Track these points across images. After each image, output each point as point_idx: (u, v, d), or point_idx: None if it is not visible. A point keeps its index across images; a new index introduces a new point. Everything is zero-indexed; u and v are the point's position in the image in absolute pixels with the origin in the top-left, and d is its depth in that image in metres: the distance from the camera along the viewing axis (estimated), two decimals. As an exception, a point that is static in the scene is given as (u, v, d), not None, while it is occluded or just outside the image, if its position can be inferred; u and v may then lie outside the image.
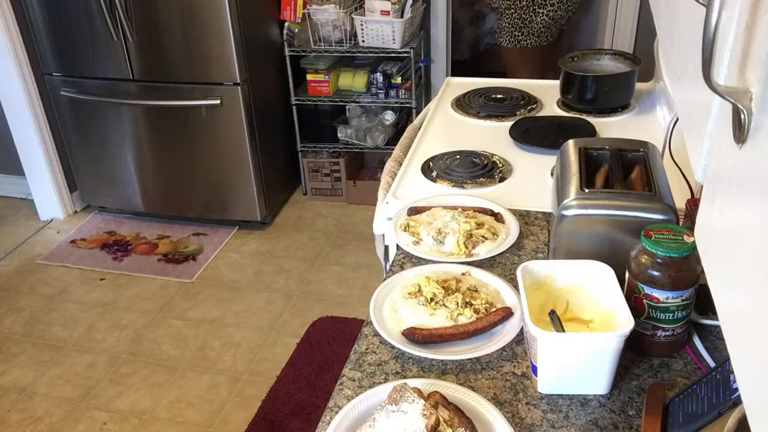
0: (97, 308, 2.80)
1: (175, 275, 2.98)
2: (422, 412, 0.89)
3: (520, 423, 0.97)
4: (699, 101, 0.60)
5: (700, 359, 1.07)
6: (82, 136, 3.23)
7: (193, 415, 2.27)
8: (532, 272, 1.10)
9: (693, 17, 0.65)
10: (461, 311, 1.15)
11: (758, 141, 0.45)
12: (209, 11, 2.76)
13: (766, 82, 0.44)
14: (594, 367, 0.99)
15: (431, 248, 1.35)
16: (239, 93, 2.92)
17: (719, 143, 0.55)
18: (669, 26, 0.85)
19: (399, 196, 1.56)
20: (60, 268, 3.07)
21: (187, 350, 2.55)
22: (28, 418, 2.29)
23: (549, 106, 2.00)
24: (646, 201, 1.11)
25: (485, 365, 1.08)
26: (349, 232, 3.26)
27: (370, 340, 1.14)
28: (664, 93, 1.80)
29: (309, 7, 3.09)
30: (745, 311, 0.45)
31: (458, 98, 2.06)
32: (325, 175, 3.47)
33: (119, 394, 2.37)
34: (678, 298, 1.01)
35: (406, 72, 3.27)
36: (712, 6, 0.47)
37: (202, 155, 3.11)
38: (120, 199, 3.37)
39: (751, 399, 0.44)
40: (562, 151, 1.29)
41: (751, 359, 0.44)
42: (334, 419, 0.96)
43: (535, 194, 1.53)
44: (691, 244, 0.99)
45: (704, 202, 0.59)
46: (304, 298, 2.81)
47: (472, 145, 1.77)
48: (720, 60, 0.52)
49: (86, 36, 2.93)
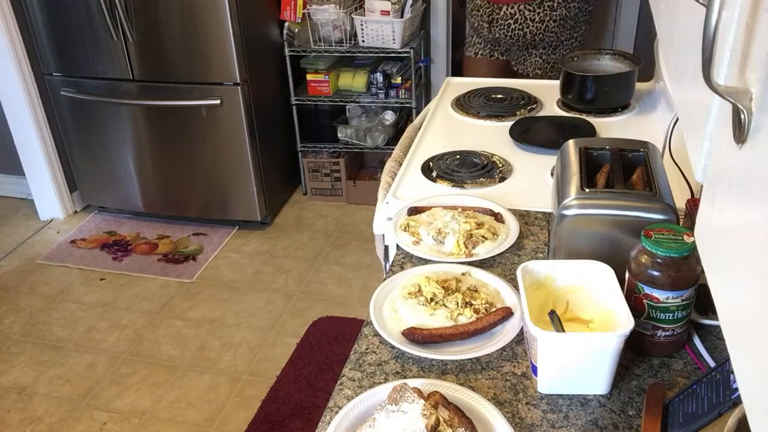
0: (97, 308, 2.80)
1: (175, 275, 2.98)
2: (422, 412, 0.89)
3: (520, 423, 0.97)
4: (699, 101, 0.60)
5: (700, 359, 1.07)
6: (82, 136, 3.23)
7: (193, 415, 2.27)
8: (532, 272, 1.10)
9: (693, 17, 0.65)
10: (461, 311, 1.15)
11: (758, 141, 0.45)
12: (209, 11, 2.76)
13: (766, 82, 0.44)
14: (594, 367, 0.99)
15: (431, 248, 1.35)
16: (239, 93, 2.92)
17: (719, 143, 0.55)
18: (669, 26, 0.85)
19: (399, 196, 1.57)
20: (60, 268, 3.07)
21: (187, 350, 2.55)
22: (28, 418, 2.29)
23: (549, 106, 2.00)
24: (646, 201, 1.11)
25: (485, 365, 1.08)
26: (349, 232, 3.26)
27: (370, 340, 1.14)
28: (664, 93, 1.80)
29: (309, 7, 3.09)
30: (745, 311, 0.45)
31: (458, 98, 2.06)
32: (325, 175, 3.47)
33: (119, 394, 2.37)
34: (678, 298, 1.01)
35: (406, 72, 3.27)
36: (712, 6, 0.47)
37: (202, 155, 3.11)
38: (120, 199, 3.37)
39: (751, 399, 0.44)
40: (562, 151, 1.30)
41: (751, 359, 0.44)
42: (334, 419, 0.96)
43: (535, 194, 1.53)
44: (691, 244, 0.99)
45: (704, 202, 0.59)
46: (304, 298, 2.81)
47: (472, 145, 1.77)
48: (720, 60, 0.52)
49: (86, 36, 2.93)
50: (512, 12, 2.59)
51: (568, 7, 2.56)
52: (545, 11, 2.55)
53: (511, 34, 2.66)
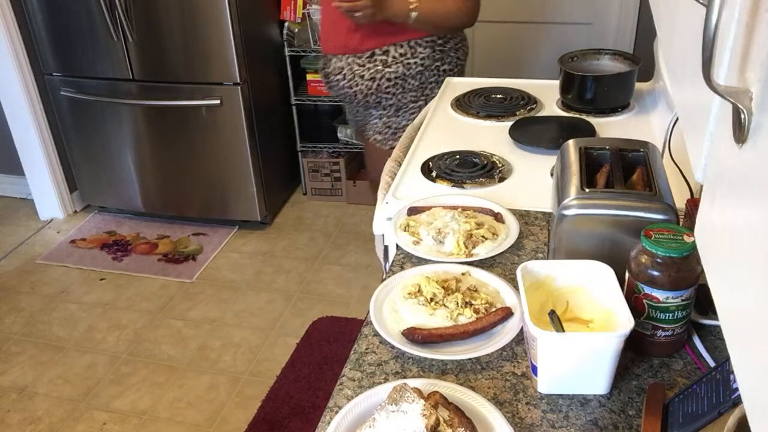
0: (97, 308, 2.80)
1: (175, 275, 2.98)
2: (422, 412, 0.89)
3: (520, 423, 0.97)
4: (699, 101, 0.60)
5: (700, 359, 1.07)
6: (82, 136, 3.23)
7: (193, 415, 2.27)
8: (532, 272, 1.10)
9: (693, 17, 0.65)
10: (461, 311, 1.15)
11: (758, 141, 0.45)
12: (209, 11, 2.76)
13: (766, 82, 0.44)
14: (594, 367, 0.99)
15: (431, 248, 1.35)
16: (239, 93, 2.92)
17: (719, 143, 0.55)
18: (669, 26, 0.85)
19: (399, 196, 1.56)
20: (60, 268, 3.07)
21: (187, 350, 2.55)
22: (28, 418, 2.28)
23: (549, 106, 2.00)
24: (646, 201, 1.11)
25: (485, 365, 1.08)
26: (349, 232, 3.26)
27: (370, 340, 1.14)
28: (664, 93, 1.80)
29: (309, 7, 3.09)
30: (745, 311, 0.45)
31: (458, 98, 2.06)
32: (325, 175, 3.47)
33: (119, 394, 2.37)
34: (678, 298, 1.01)
35: (406, 72, 3.27)
36: (712, 6, 0.47)
37: (202, 155, 3.11)
38: (120, 199, 3.37)
39: (751, 399, 0.44)
40: (562, 151, 1.30)
41: (751, 359, 0.44)
42: (334, 419, 0.96)
43: (535, 194, 1.52)
44: (691, 244, 0.99)
45: (704, 202, 0.59)
46: (304, 298, 2.81)
47: (472, 145, 1.77)
48: (720, 60, 0.52)
49: (86, 36, 2.93)
50: (341, 66, 2.12)
51: (407, 65, 2.06)
52: (376, 67, 2.07)
53: (342, 93, 2.18)
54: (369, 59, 2.05)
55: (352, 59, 2.07)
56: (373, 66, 2.05)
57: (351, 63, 2.07)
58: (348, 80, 2.09)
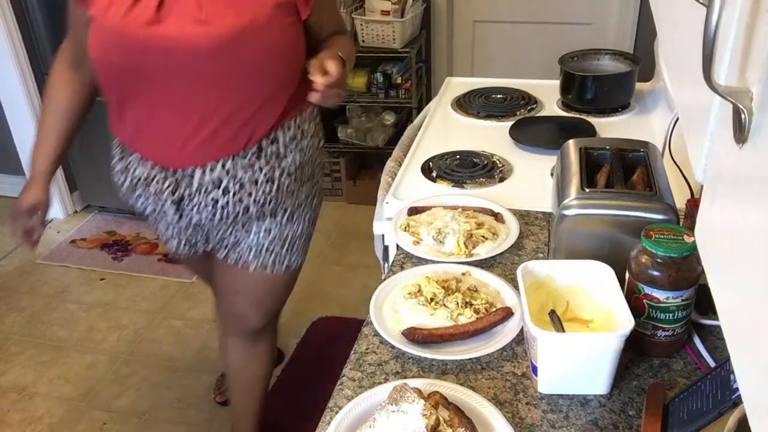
0: (97, 308, 2.80)
1: (175, 275, 2.97)
2: (422, 412, 0.89)
3: (520, 423, 0.97)
4: (699, 101, 0.60)
5: (700, 359, 1.07)
6: (82, 136, 3.21)
7: (193, 415, 2.27)
8: (532, 272, 1.10)
9: (693, 17, 0.65)
10: (461, 311, 1.15)
11: (758, 141, 0.45)
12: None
13: (766, 82, 0.44)
14: (594, 367, 0.99)
15: (431, 248, 1.35)
16: (239, 93, 2.91)
17: (719, 143, 0.55)
18: (669, 26, 0.85)
19: (399, 196, 1.57)
20: (60, 268, 3.07)
21: (187, 350, 2.55)
22: (28, 418, 2.28)
23: (549, 106, 2.00)
24: (647, 201, 1.11)
25: (485, 365, 1.08)
26: (349, 232, 3.25)
27: (370, 340, 1.14)
28: (664, 93, 1.80)
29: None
30: (746, 311, 0.45)
31: (458, 98, 2.06)
32: (325, 175, 3.47)
33: (119, 394, 2.37)
34: (678, 298, 1.01)
35: (406, 72, 3.27)
36: (712, 6, 0.47)
37: (202, 155, 3.11)
38: (120, 199, 3.34)
39: (751, 399, 0.44)
40: (562, 151, 1.30)
41: (751, 359, 0.44)
42: (334, 419, 0.96)
43: (535, 194, 1.53)
44: (691, 244, 0.99)
45: (704, 202, 0.59)
46: (304, 298, 2.81)
47: (472, 145, 1.77)
48: (720, 60, 0.52)
49: (86, 36, 2.92)
50: (216, 177, 1.45)
51: (301, 150, 1.50)
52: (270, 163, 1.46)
53: (220, 214, 1.51)
54: (257, 156, 1.43)
55: (231, 163, 1.41)
56: (266, 163, 1.44)
57: (233, 168, 1.42)
58: (236, 193, 1.44)
